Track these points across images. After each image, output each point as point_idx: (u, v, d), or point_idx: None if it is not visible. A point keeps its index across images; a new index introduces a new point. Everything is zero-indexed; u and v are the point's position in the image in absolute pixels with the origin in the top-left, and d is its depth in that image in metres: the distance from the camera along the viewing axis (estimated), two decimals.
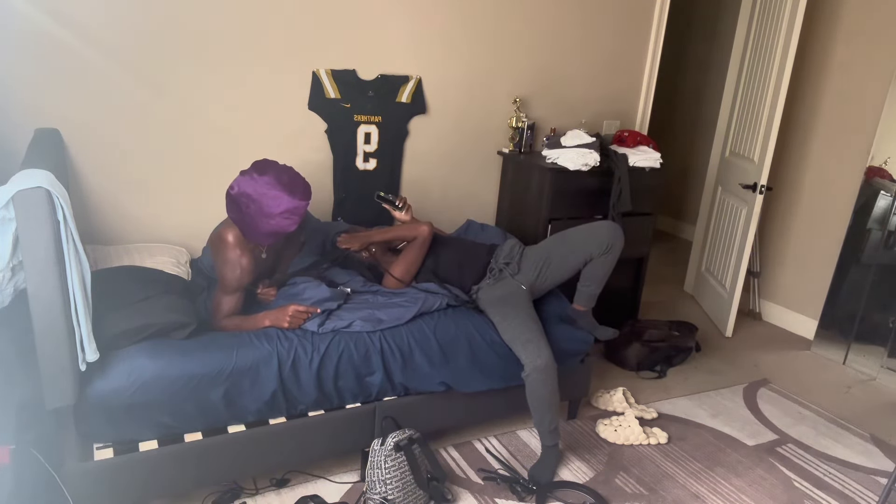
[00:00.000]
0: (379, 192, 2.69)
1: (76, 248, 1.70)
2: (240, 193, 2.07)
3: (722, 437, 2.74)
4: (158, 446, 1.93)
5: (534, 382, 2.28)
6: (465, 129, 3.29)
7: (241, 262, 2.17)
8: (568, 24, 3.37)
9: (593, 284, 2.53)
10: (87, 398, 1.81)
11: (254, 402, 2.04)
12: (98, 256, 2.41)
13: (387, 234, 2.59)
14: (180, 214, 2.73)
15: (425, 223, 2.57)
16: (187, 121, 2.65)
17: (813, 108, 3.69)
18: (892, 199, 3.24)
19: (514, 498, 2.27)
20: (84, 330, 1.74)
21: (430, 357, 2.29)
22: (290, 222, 2.08)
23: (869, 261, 3.35)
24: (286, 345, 2.10)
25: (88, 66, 2.43)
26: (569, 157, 3.06)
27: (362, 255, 2.58)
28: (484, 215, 3.49)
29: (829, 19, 3.55)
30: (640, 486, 2.38)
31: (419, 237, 2.54)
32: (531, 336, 2.32)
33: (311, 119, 2.90)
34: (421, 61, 3.06)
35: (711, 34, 5.29)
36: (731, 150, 3.92)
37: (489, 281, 2.58)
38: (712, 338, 3.73)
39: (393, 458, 2.06)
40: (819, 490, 2.44)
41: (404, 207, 2.67)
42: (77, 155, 2.50)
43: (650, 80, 3.71)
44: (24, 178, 1.61)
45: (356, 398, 2.23)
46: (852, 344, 3.46)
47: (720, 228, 3.98)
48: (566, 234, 2.59)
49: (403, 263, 2.53)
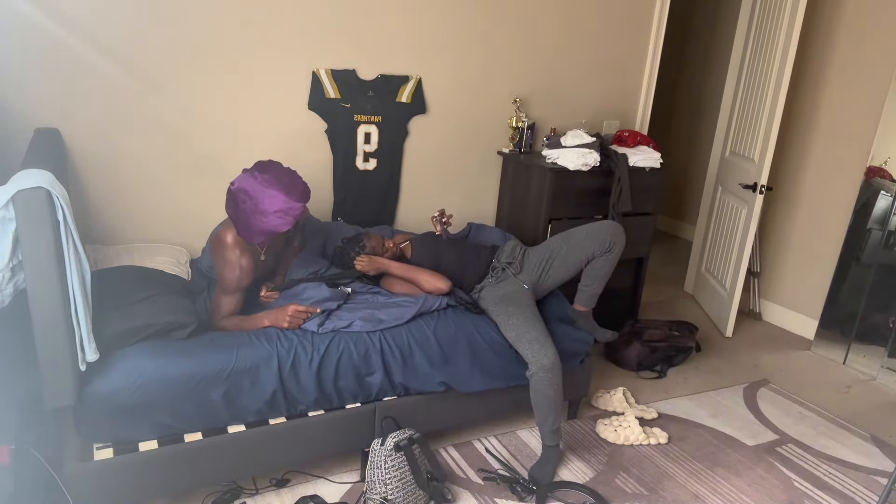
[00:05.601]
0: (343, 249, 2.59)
1: (76, 248, 1.70)
2: (238, 189, 2.07)
3: (722, 437, 2.74)
4: (158, 446, 1.93)
5: (539, 382, 2.27)
6: (465, 129, 3.29)
7: (240, 262, 2.18)
8: (568, 24, 3.37)
9: (594, 284, 2.53)
10: (87, 398, 1.81)
11: (254, 402, 2.04)
12: (98, 256, 2.41)
13: (406, 274, 2.50)
14: (180, 214, 2.74)
15: (448, 282, 2.48)
16: (187, 121, 2.65)
17: (813, 108, 3.69)
18: (892, 199, 3.24)
19: (514, 498, 2.26)
20: (84, 330, 1.74)
21: (430, 357, 2.29)
22: (283, 222, 2.06)
23: (869, 261, 3.35)
24: (286, 345, 2.10)
25: (88, 66, 2.43)
26: (569, 157, 3.06)
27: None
28: (484, 215, 3.49)
29: (829, 19, 3.55)
30: (640, 486, 2.38)
31: (434, 292, 2.46)
32: (536, 335, 2.32)
33: (311, 119, 2.90)
34: (421, 61, 3.06)
35: (711, 34, 5.29)
36: (731, 149, 3.92)
37: (491, 280, 2.58)
38: (712, 338, 3.73)
39: (393, 458, 2.06)
40: (819, 490, 2.44)
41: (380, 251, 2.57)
42: (77, 155, 2.50)
43: (650, 80, 3.71)
44: (24, 178, 1.61)
45: (356, 398, 2.23)
46: (852, 344, 3.46)
47: (720, 228, 3.98)
48: (568, 233, 2.60)
49: (406, 288, 2.51)
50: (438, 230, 2.66)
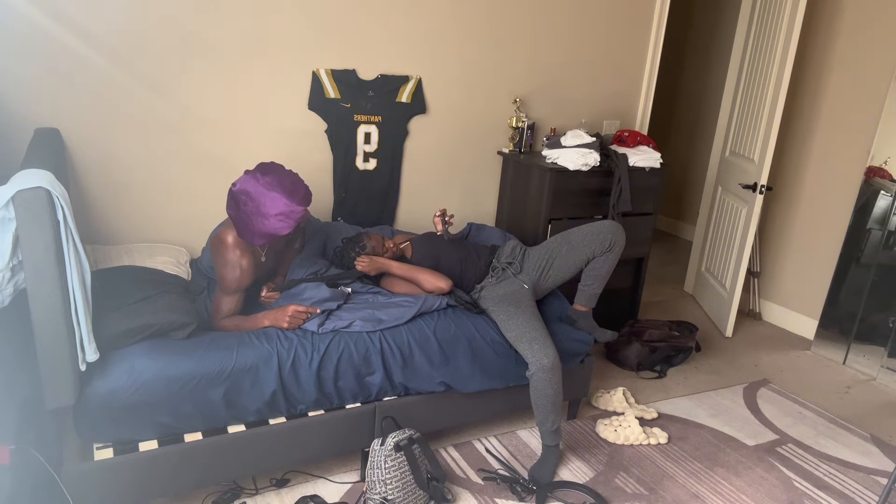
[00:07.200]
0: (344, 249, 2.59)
1: (76, 248, 1.70)
2: (240, 191, 2.07)
3: (722, 437, 2.74)
4: (158, 446, 1.93)
5: (539, 382, 2.27)
6: (465, 129, 3.29)
7: (240, 263, 2.18)
8: (568, 24, 3.37)
9: (595, 283, 2.53)
10: (87, 398, 1.81)
11: (254, 402, 2.04)
12: (98, 256, 2.41)
13: (407, 274, 2.50)
14: (180, 214, 2.74)
15: (448, 281, 2.48)
16: (187, 121, 2.65)
17: (813, 107, 3.69)
18: (892, 199, 3.24)
19: (514, 498, 2.26)
20: (84, 330, 1.74)
21: (430, 357, 2.29)
22: (284, 225, 2.07)
23: (869, 261, 3.35)
24: (286, 345, 2.10)
25: (88, 66, 2.43)
26: (569, 157, 3.06)
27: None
28: (484, 215, 3.49)
29: (829, 19, 3.55)
30: (640, 486, 2.38)
31: (435, 291, 2.47)
32: (536, 335, 2.32)
33: (311, 119, 2.90)
34: (421, 61, 3.06)
35: (711, 34, 5.29)
36: (731, 149, 3.92)
37: (492, 280, 2.58)
38: (712, 338, 3.73)
39: (393, 458, 2.06)
40: (819, 490, 2.44)
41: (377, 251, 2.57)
42: (77, 155, 2.50)
43: (650, 80, 3.71)
44: (24, 178, 1.61)
45: (356, 398, 2.23)
46: (852, 344, 3.46)
47: (720, 228, 3.98)
48: (568, 233, 2.60)
49: (406, 287, 2.52)
50: (440, 229, 2.66)
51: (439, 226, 2.67)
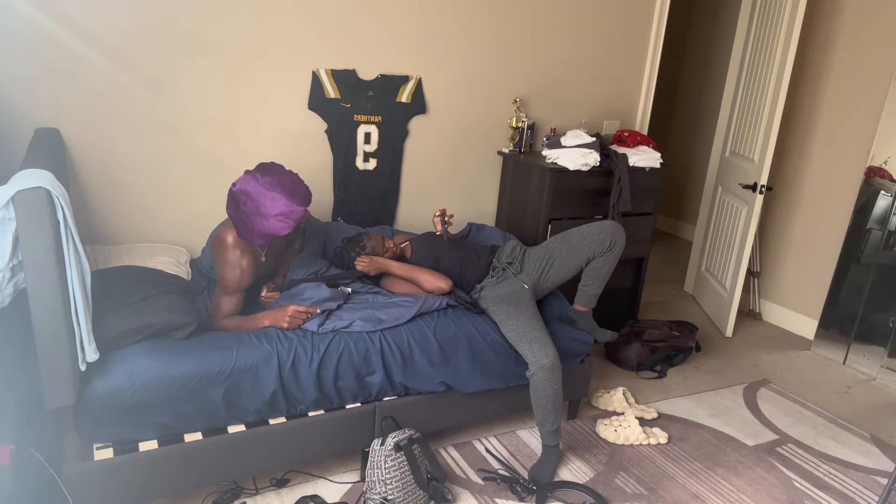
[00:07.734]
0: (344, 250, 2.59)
1: (76, 248, 1.70)
2: (240, 191, 2.07)
3: (722, 437, 2.74)
4: (158, 446, 1.93)
5: (539, 382, 2.27)
6: (465, 129, 3.29)
7: (240, 263, 2.18)
8: (568, 24, 3.37)
9: (595, 283, 2.53)
10: (87, 398, 1.81)
11: (254, 402, 2.04)
12: (98, 256, 2.41)
13: (407, 274, 2.50)
14: (180, 214, 2.74)
15: (448, 281, 2.48)
16: (187, 121, 2.65)
17: (813, 107, 3.69)
18: (892, 199, 3.24)
19: (514, 498, 2.26)
20: (84, 330, 1.74)
21: (430, 357, 2.29)
22: (283, 225, 2.07)
23: (869, 261, 3.35)
24: (286, 345, 2.10)
25: (88, 66, 2.43)
26: (569, 157, 3.06)
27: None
28: (484, 215, 3.49)
29: (829, 19, 3.55)
30: (640, 486, 2.38)
31: (435, 291, 2.47)
32: (536, 335, 2.32)
33: (311, 119, 2.90)
34: (421, 61, 3.07)
35: (711, 34, 5.29)
36: (731, 149, 3.92)
37: (492, 280, 2.58)
38: (712, 338, 3.73)
39: (393, 458, 2.06)
40: (819, 490, 2.44)
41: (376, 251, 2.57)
42: (77, 155, 2.50)
43: (650, 80, 3.71)
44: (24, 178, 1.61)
45: (356, 398, 2.23)
46: (852, 344, 3.46)
47: (720, 228, 3.98)
48: (568, 233, 2.60)
49: (406, 287, 2.52)
50: (440, 229, 2.66)
51: (439, 226, 2.67)
